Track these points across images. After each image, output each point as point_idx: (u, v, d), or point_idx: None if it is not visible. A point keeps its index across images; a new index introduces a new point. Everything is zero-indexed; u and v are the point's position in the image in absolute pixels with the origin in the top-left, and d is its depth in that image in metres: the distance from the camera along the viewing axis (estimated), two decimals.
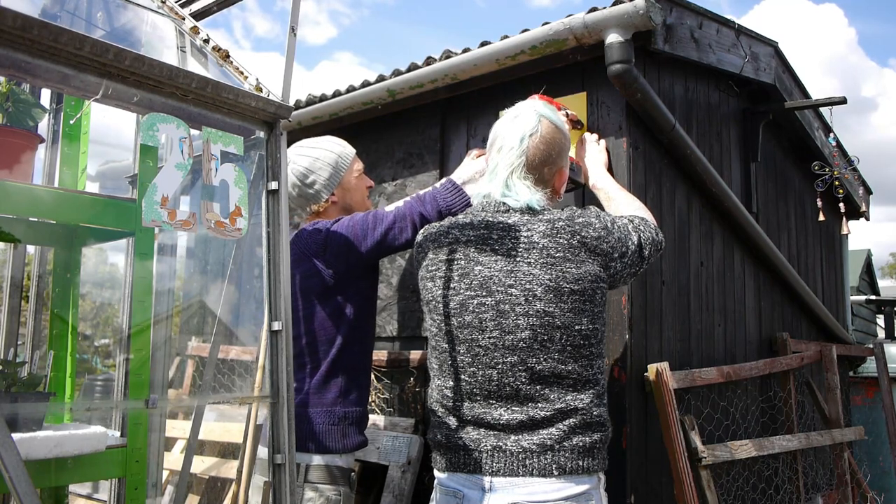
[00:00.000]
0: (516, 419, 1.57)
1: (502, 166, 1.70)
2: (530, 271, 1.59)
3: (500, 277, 1.61)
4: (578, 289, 1.59)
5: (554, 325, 1.57)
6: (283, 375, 1.55)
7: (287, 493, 1.51)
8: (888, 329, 6.21)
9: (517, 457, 1.55)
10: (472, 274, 1.64)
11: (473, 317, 1.62)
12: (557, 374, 1.57)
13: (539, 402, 1.57)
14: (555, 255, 1.60)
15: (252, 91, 1.57)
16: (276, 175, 1.60)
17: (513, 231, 1.64)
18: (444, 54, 2.82)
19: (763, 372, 3.14)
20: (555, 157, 1.73)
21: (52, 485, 1.60)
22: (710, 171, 2.80)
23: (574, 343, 1.58)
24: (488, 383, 1.60)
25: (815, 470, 3.78)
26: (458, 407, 1.64)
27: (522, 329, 1.57)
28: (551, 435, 1.55)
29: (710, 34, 2.83)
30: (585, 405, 1.58)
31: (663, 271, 2.62)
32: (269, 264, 1.59)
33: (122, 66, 1.32)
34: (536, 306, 1.57)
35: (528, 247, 1.61)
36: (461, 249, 1.68)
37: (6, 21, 1.16)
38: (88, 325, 2.13)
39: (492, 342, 1.60)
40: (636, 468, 2.32)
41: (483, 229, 1.67)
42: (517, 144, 1.69)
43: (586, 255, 1.61)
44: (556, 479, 1.54)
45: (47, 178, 1.90)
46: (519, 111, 1.75)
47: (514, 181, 1.68)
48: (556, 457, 1.54)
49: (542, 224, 1.63)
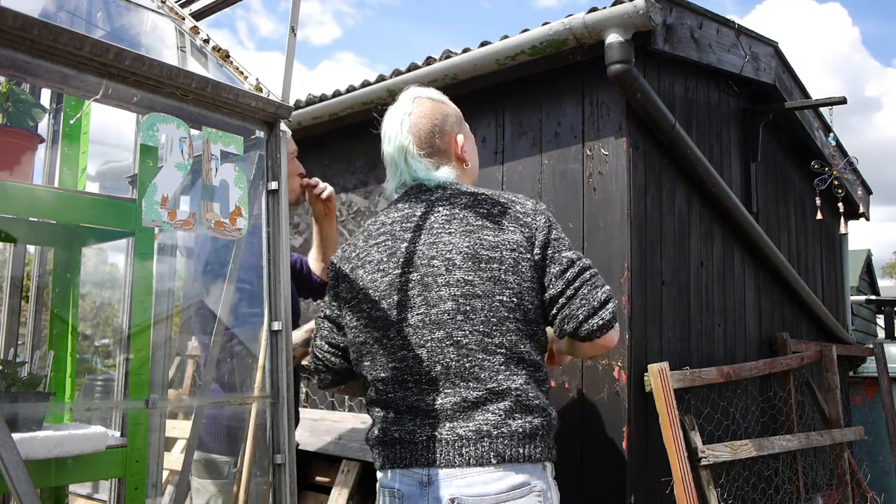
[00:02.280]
0: (449, 402, 1.50)
1: (396, 153, 1.70)
2: (450, 240, 1.57)
3: (424, 250, 1.59)
4: (496, 256, 1.54)
5: (475, 293, 1.53)
6: (283, 375, 1.55)
7: (287, 493, 1.51)
8: (888, 329, 6.21)
9: (453, 445, 1.48)
10: (399, 252, 1.62)
11: (402, 295, 1.58)
12: (485, 348, 1.51)
13: (470, 382, 1.50)
14: (473, 223, 1.58)
15: (252, 91, 1.57)
16: (276, 175, 1.60)
17: (436, 206, 1.63)
18: (444, 54, 2.82)
19: (763, 372, 3.14)
20: (441, 125, 1.71)
21: (52, 485, 1.60)
22: (710, 171, 2.80)
23: (498, 315, 1.52)
24: (419, 365, 1.54)
25: (815, 470, 3.78)
26: (393, 398, 1.58)
27: (445, 300, 1.54)
28: (487, 420, 1.48)
29: (710, 34, 2.83)
30: (519, 385, 1.50)
31: (663, 271, 2.62)
32: (268, 264, 1.59)
33: (122, 66, 1.32)
34: (456, 275, 1.54)
35: (450, 218, 1.60)
36: (388, 232, 1.66)
37: (6, 21, 1.16)
38: (88, 325, 2.13)
39: (419, 319, 1.55)
40: (636, 468, 2.32)
41: (407, 209, 1.67)
42: (398, 128, 1.69)
43: (508, 223, 1.58)
44: (495, 468, 1.46)
45: (47, 178, 1.90)
46: (394, 103, 1.76)
47: (411, 161, 1.68)
48: (494, 444, 1.46)
49: (465, 196, 1.63)
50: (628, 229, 2.38)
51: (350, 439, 2.71)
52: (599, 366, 2.36)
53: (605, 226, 2.43)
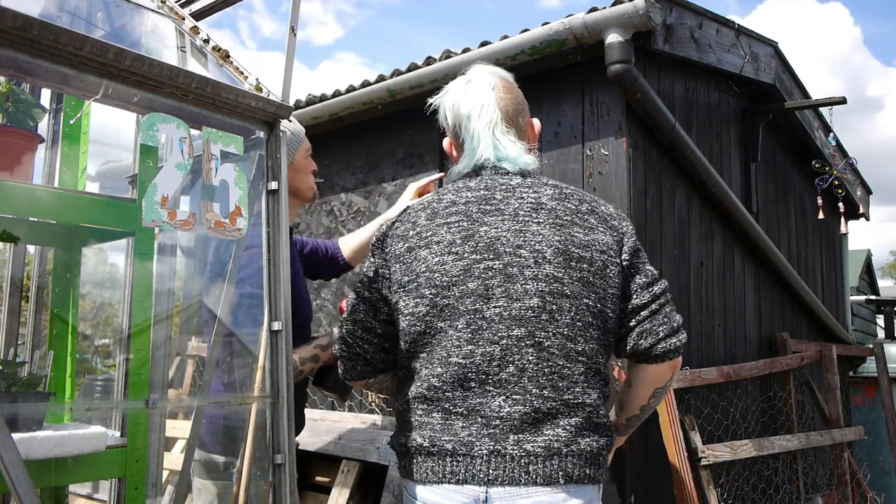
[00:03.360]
0: (518, 410, 1.36)
1: (481, 127, 1.53)
2: (539, 231, 1.43)
3: (509, 237, 1.43)
4: (586, 255, 1.42)
5: (563, 293, 1.39)
6: (282, 375, 1.55)
7: (287, 493, 1.51)
8: (888, 329, 6.21)
9: (519, 462, 1.35)
10: (477, 235, 1.44)
11: (479, 283, 1.41)
12: (566, 354, 1.39)
13: (545, 390, 1.37)
14: (563, 218, 1.45)
15: (252, 91, 1.57)
16: (276, 175, 1.60)
17: (518, 191, 1.48)
18: (443, 54, 2.82)
19: (763, 372, 3.14)
20: (523, 105, 1.61)
21: (52, 485, 1.60)
22: (710, 171, 2.80)
23: (583, 319, 1.40)
24: (489, 363, 1.38)
25: (815, 470, 3.78)
26: (448, 398, 1.41)
27: (531, 295, 1.39)
28: (558, 437, 1.36)
29: (709, 34, 2.83)
30: (594, 401, 1.40)
31: (663, 271, 2.62)
32: (268, 264, 1.59)
33: (122, 66, 1.32)
34: (546, 270, 1.40)
35: (536, 207, 1.46)
36: (462, 212, 1.48)
37: (6, 21, 1.16)
38: (88, 325, 2.13)
39: (497, 312, 1.40)
40: (636, 468, 2.32)
41: (484, 190, 1.50)
42: (488, 100, 1.54)
43: (596, 223, 1.47)
44: (562, 489, 1.35)
45: (47, 178, 1.90)
46: (469, 76, 1.61)
47: (499, 137, 1.53)
48: (564, 462, 1.35)
49: (550, 188, 1.50)
50: None
51: (350, 439, 2.71)
52: None
53: None
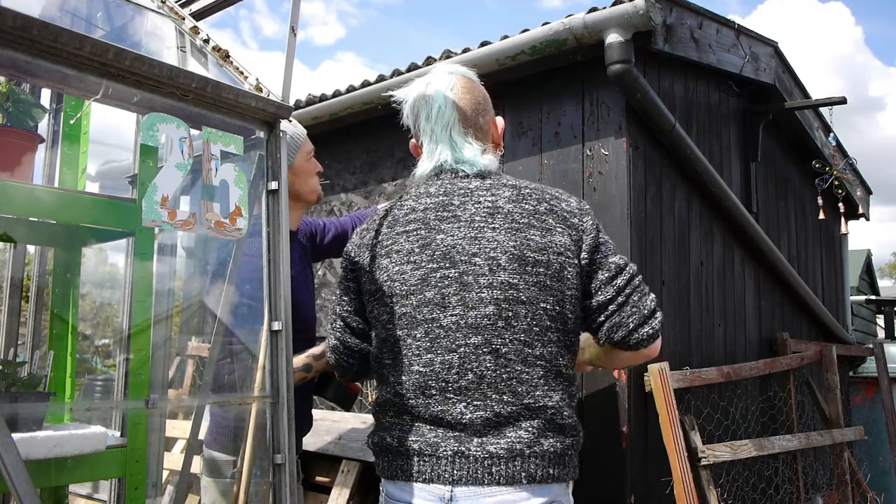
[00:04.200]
0: (480, 416, 1.39)
1: (439, 129, 1.54)
2: (495, 237, 1.43)
3: (464, 245, 1.44)
4: (543, 259, 1.42)
5: (519, 299, 1.40)
6: (283, 375, 1.55)
7: (287, 493, 1.51)
8: (888, 329, 6.21)
9: (482, 463, 1.38)
10: (434, 244, 1.46)
11: (436, 292, 1.44)
12: (524, 359, 1.40)
13: (505, 395, 1.39)
14: (519, 221, 1.44)
15: (252, 91, 1.57)
16: (276, 175, 1.60)
17: (475, 195, 1.48)
18: (443, 54, 2.83)
19: (763, 372, 3.14)
20: (484, 105, 1.59)
21: (52, 485, 1.60)
22: (710, 171, 2.80)
23: (541, 323, 1.41)
24: (448, 371, 1.41)
25: (815, 470, 3.79)
26: (412, 406, 1.45)
27: (487, 303, 1.40)
28: (520, 438, 1.39)
29: (710, 34, 2.83)
30: (556, 403, 1.42)
31: (663, 271, 2.62)
32: (269, 264, 1.59)
33: (122, 66, 1.32)
34: (501, 277, 1.41)
35: (493, 212, 1.45)
36: (420, 220, 1.50)
37: (6, 21, 1.16)
38: (88, 325, 2.13)
39: (454, 321, 1.42)
40: (636, 468, 2.32)
41: (442, 196, 1.50)
42: (443, 102, 1.54)
43: (555, 223, 1.45)
44: (524, 488, 1.38)
45: (47, 179, 1.90)
46: (428, 78, 1.60)
47: (457, 139, 1.53)
48: (526, 463, 1.38)
49: (508, 189, 1.49)
50: (628, 229, 2.38)
51: (350, 439, 2.71)
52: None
53: (605, 226, 2.42)
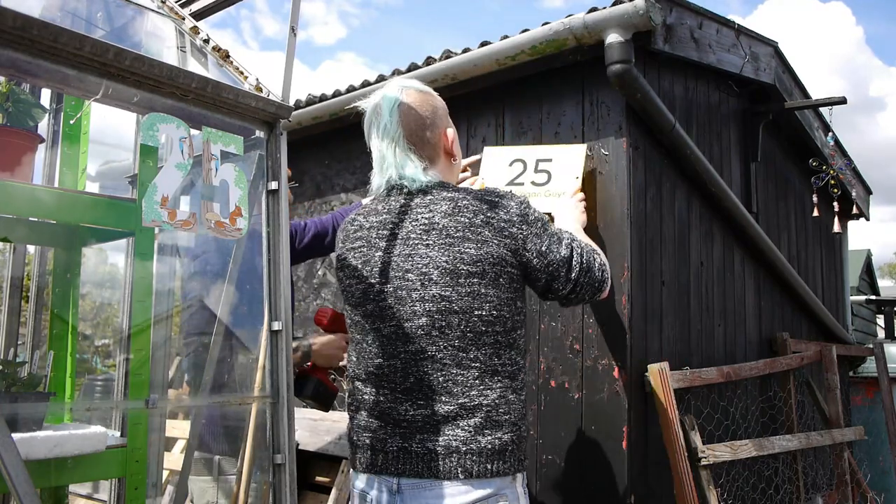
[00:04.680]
0: (421, 414, 1.51)
1: (385, 147, 1.63)
2: (427, 254, 1.52)
3: (399, 262, 1.55)
4: (477, 270, 1.49)
5: (451, 310, 1.49)
6: (283, 375, 1.55)
7: (287, 493, 1.51)
8: (888, 329, 6.21)
9: (422, 458, 1.49)
10: (373, 261, 1.59)
11: (374, 305, 1.57)
12: (459, 363, 1.50)
13: (442, 395, 1.49)
14: (454, 235, 1.51)
15: (252, 91, 1.57)
16: (276, 175, 1.60)
17: (413, 213, 1.58)
18: (443, 54, 2.82)
19: (763, 372, 3.14)
20: (432, 118, 1.65)
21: (52, 485, 1.60)
22: (710, 171, 2.80)
23: (475, 329, 1.50)
24: (394, 374, 1.54)
25: (815, 470, 3.79)
26: (367, 401, 1.59)
27: (419, 316, 1.51)
28: (456, 436, 1.48)
29: (710, 34, 2.83)
30: (492, 401, 1.50)
31: (663, 271, 2.62)
32: (269, 264, 1.59)
33: (122, 66, 1.32)
34: (432, 291, 1.50)
35: (428, 228, 1.54)
36: (365, 237, 1.63)
37: (6, 21, 1.16)
38: (88, 325, 2.13)
39: (392, 331, 1.54)
40: (636, 468, 2.32)
41: (385, 214, 1.62)
42: (388, 118, 1.62)
43: (491, 235, 1.52)
44: (461, 483, 1.47)
45: (47, 179, 1.90)
46: (378, 95, 1.69)
47: (400, 156, 1.61)
48: (462, 459, 1.47)
49: (445, 203, 1.56)
50: (628, 229, 2.38)
51: None
52: (599, 366, 2.36)
53: (605, 226, 2.43)
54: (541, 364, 2.49)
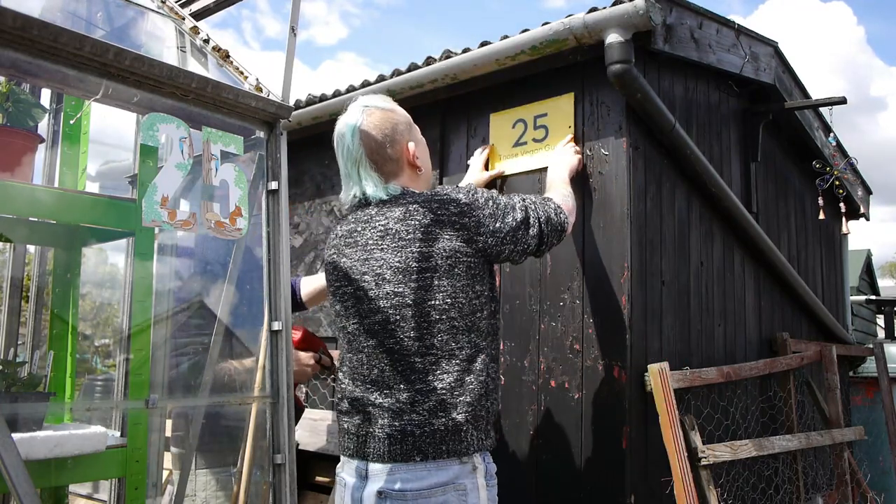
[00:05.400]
0: (386, 402, 1.62)
1: (349, 165, 1.76)
2: (382, 256, 1.67)
3: (357, 266, 1.71)
4: (429, 265, 1.62)
5: (404, 304, 1.62)
6: (283, 375, 1.56)
7: (287, 493, 1.51)
8: (888, 329, 6.20)
9: (383, 442, 1.59)
10: (339, 266, 1.76)
11: (341, 306, 1.74)
12: (416, 352, 1.61)
13: (401, 384, 1.61)
14: (405, 238, 1.65)
15: (252, 91, 1.57)
16: (276, 175, 1.60)
17: (373, 221, 1.72)
18: (444, 54, 2.82)
19: (763, 372, 3.14)
20: (392, 135, 1.76)
21: (52, 485, 1.60)
22: (710, 171, 2.80)
23: (428, 318, 1.61)
24: (361, 367, 1.68)
25: (815, 470, 3.78)
26: (345, 389, 1.73)
27: (376, 312, 1.65)
28: (412, 420, 1.58)
29: (710, 34, 2.83)
30: (447, 384, 1.60)
31: (663, 271, 2.62)
32: (269, 264, 1.59)
33: (122, 66, 1.32)
34: (386, 289, 1.64)
35: (383, 234, 1.68)
36: (336, 245, 1.80)
37: (6, 21, 1.16)
38: (88, 325, 2.13)
39: (355, 328, 1.70)
40: (636, 468, 2.32)
41: (353, 223, 1.78)
42: (350, 139, 1.74)
43: (441, 231, 1.65)
44: (421, 466, 1.56)
45: (47, 179, 1.90)
46: (342, 121, 1.79)
47: (363, 173, 1.75)
48: (418, 442, 1.57)
49: (399, 210, 1.69)
50: (628, 229, 2.38)
51: None
52: (599, 366, 2.36)
53: (605, 226, 2.43)
54: (541, 364, 2.49)
